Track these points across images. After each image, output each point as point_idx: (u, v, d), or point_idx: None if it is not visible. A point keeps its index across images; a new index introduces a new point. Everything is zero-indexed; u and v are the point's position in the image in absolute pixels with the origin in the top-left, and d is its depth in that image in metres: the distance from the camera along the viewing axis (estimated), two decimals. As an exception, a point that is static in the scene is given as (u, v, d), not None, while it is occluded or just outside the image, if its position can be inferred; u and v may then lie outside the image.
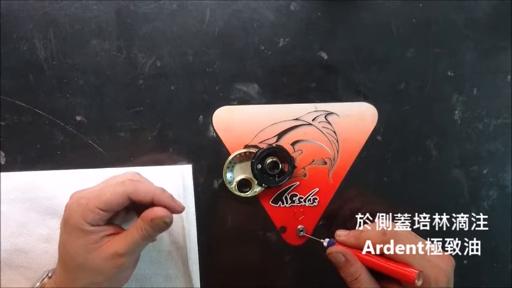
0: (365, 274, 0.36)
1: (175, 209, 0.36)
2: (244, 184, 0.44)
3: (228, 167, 0.43)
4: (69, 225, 0.34)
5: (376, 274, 0.36)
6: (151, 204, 0.35)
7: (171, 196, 0.36)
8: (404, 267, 0.34)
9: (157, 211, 0.35)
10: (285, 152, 0.43)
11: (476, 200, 0.45)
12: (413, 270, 0.34)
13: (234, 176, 0.44)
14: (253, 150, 0.43)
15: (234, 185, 0.43)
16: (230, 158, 0.43)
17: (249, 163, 0.43)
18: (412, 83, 0.43)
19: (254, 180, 0.43)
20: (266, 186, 0.43)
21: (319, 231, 0.45)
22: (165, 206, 0.35)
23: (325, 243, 0.39)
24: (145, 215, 0.35)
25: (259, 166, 0.42)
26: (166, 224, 0.35)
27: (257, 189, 0.43)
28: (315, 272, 0.46)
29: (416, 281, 0.33)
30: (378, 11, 0.42)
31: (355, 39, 0.42)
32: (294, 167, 0.43)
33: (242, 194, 0.43)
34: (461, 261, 0.45)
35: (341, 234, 0.39)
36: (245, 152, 0.43)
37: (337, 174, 0.44)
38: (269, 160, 0.42)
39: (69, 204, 0.35)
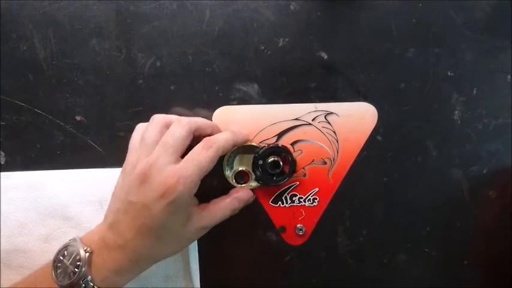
0: None
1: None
2: (241, 176, 0.44)
3: (230, 156, 0.43)
4: (178, 207, 0.35)
5: None
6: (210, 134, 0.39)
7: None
8: None
9: (249, 193, 0.42)
10: (290, 155, 0.42)
11: (476, 200, 0.45)
12: None
13: (233, 167, 0.43)
14: (255, 144, 0.43)
15: (231, 175, 0.43)
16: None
17: (249, 157, 0.43)
18: (412, 83, 0.43)
19: (252, 173, 0.43)
20: (262, 183, 0.43)
21: (319, 231, 0.45)
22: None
23: None
24: (241, 196, 0.41)
25: (261, 162, 0.42)
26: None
27: (253, 183, 0.43)
28: (315, 272, 0.46)
29: None
30: (378, 11, 0.42)
31: (355, 39, 0.42)
32: (294, 171, 0.43)
33: (238, 186, 0.43)
34: (461, 261, 0.45)
35: None
36: (247, 146, 0.43)
37: (337, 174, 0.44)
38: (271, 159, 0.42)
39: (173, 187, 0.34)
